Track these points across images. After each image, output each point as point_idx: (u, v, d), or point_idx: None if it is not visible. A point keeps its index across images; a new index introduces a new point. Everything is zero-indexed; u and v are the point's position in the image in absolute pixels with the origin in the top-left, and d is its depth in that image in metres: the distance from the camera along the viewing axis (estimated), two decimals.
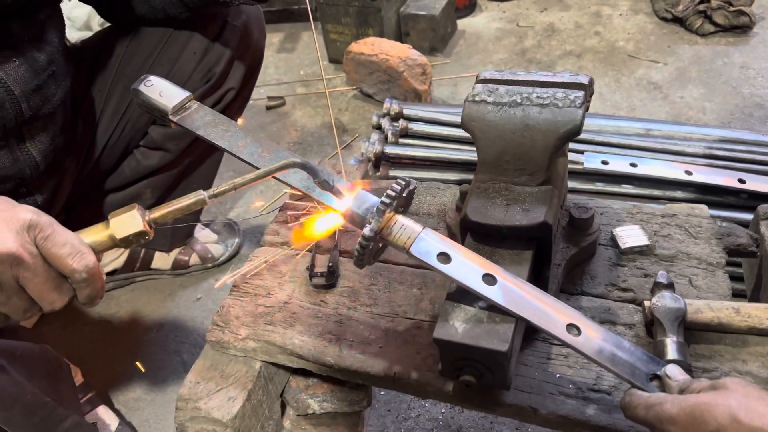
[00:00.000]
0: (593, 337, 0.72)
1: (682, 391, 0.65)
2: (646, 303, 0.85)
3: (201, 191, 0.71)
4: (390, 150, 1.63)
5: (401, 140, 1.69)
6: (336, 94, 2.42)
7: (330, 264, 1.06)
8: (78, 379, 1.40)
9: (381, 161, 1.65)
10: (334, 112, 2.34)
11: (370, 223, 0.76)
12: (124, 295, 1.72)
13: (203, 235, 1.81)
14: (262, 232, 1.93)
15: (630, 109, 2.20)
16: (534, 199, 0.84)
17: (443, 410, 1.36)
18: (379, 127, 1.78)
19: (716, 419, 0.57)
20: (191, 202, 0.71)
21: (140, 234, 0.68)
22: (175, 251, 1.73)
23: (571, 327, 0.73)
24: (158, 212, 0.70)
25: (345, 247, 1.10)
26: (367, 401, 0.97)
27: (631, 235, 0.98)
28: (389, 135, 1.69)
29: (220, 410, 0.91)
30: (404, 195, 0.80)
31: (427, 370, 0.87)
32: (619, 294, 0.92)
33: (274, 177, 0.78)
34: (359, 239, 0.75)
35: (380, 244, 0.81)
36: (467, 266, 0.77)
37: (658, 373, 0.69)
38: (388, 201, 0.75)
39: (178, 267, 1.74)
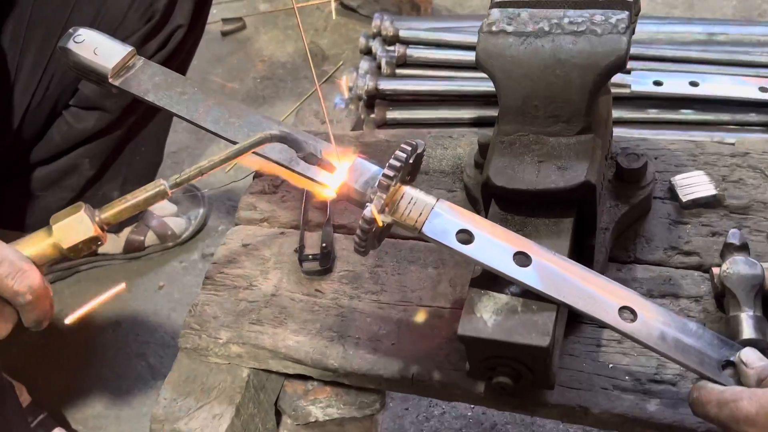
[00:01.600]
0: (652, 320, 0.76)
1: (761, 381, 0.69)
2: (715, 270, 0.88)
3: (161, 181, 0.73)
4: (386, 85, 1.63)
5: (399, 71, 1.68)
6: (309, 10, 2.39)
7: (323, 244, 1.08)
8: (24, 398, 1.46)
9: (375, 99, 1.65)
10: (309, 35, 2.31)
11: (371, 201, 0.78)
12: (68, 289, 1.76)
13: (159, 207, 1.83)
14: (232, 198, 1.97)
15: (687, 6, 2.18)
16: (572, 152, 0.86)
17: (473, 405, 1.42)
18: (368, 52, 1.77)
19: None
20: (150, 195, 0.72)
21: (91, 240, 0.70)
22: (126, 230, 1.76)
23: (625, 310, 0.76)
24: (110, 210, 0.72)
25: (340, 220, 1.12)
26: (381, 403, 1.02)
27: (693, 184, 1.00)
28: (383, 65, 1.68)
29: (204, 431, 0.96)
30: (411, 161, 0.81)
31: (451, 368, 0.91)
32: (681, 259, 0.95)
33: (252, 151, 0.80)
34: (360, 222, 0.77)
35: (385, 224, 0.83)
36: (494, 244, 0.80)
37: (732, 359, 0.72)
38: (391, 173, 0.77)
39: (132, 249, 1.77)
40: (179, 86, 0.89)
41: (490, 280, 0.81)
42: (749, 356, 0.71)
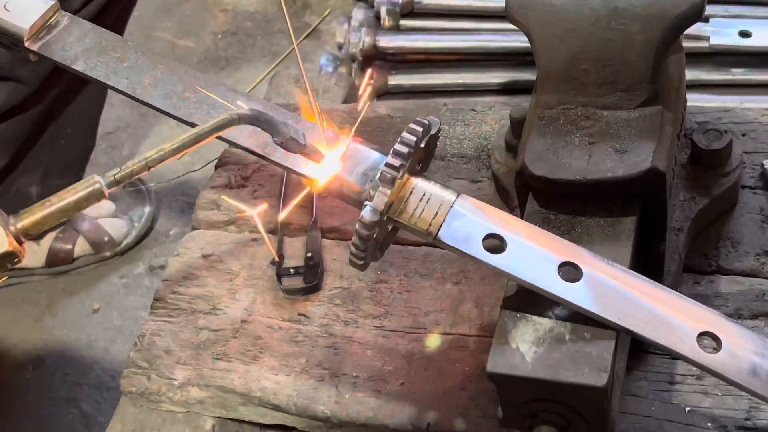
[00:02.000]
0: (740, 349, 0.76)
1: None
2: None
3: (95, 177, 0.73)
4: (387, 41, 1.64)
5: (404, 22, 1.68)
6: None
7: (309, 254, 1.09)
8: None
9: (373, 60, 1.65)
10: None
11: (370, 199, 0.78)
12: None
13: (93, 205, 1.84)
14: (187, 192, 1.98)
15: None
16: (633, 130, 0.86)
17: None
18: None
19: None
20: (81, 197, 0.73)
21: (5, 257, 0.71)
22: (49, 236, 1.77)
23: (705, 337, 0.77)
24: (29, 217, 0.73)
25: (330, 221, 1.13)
26: None
27: None
28: (383, 14, 1.68)
29: None
30: (423, 145, 0.81)
31: (479, 414, 0.92)
32: None
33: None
34: (356, 226, 0.77)
35: (389, 227, 0.84)
36: (533, 253, 0.80)
37: None
38: (397, 161, 0.77)
39: (57, 262, 1.78)
40: (117, 51, 0.89)
41: (528, 299, 0.81)
42: None
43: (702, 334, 0.77)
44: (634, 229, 0.85)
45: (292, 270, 1.08)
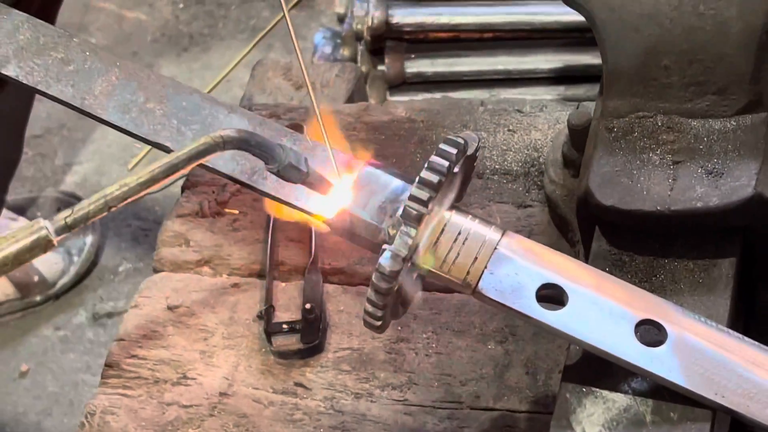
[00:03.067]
0: None
1: None
2: None
3: (40, 221, 0.75)
4: (403, 16, 1.67)
5: None
6: None
7: (307, 305, 1.11)
8: None
9: (385, 41, 1.68)
10: None
11: (390, 241, 0.80)
12: None
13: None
14: (142, 215, 2.01)
15: None
16: (730, 145, 0.88)
17: None
18: None
19: None
20: (23, 248, 0.75)
21: None
22: None
23: None
24: None
25: (333, 261, 1.16)
26: None
27: None
28: None
29: None
30: (457, 169, 0.84)
31: None
32: None
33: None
34: (373, 278, 0.79)
35: (415, 276, 0.86)
36: (602, 308, 0.82)
37: None
38: (425, 194, 0.79)
39: None
40: (60, 50, 0.92)
41: (597, 369, 0.83)
42: None
43: None
44: (734, 275, 0.87)
45: (285, 326, 1.10)
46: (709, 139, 0.89)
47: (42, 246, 0.75)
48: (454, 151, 0.81)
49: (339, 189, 0.84)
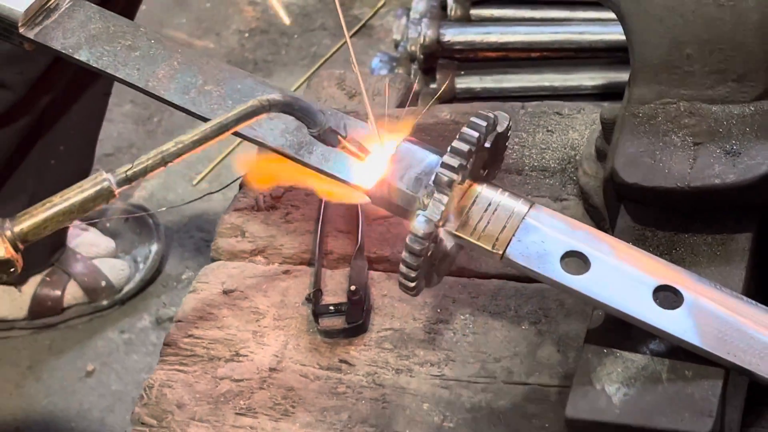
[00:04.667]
0: None
1: None
2: None
3: (104, 174, 0.81)
4: (454, 35, 1.72)
5: (475, 11, 1.77)
6: None
7: (352, 287, 1.16)
8: None
9: (437, 59, 1.74)
10: None
11: (424, 208, 0.86)
12: None
13: (87, 241, 1.94)
14: (204, 225, 2.07)
15: None
16: (748, 128, 0.93)
17: None
18: None
19: None
20: (87, 197, 0.81)
21: (2, 265, 0.79)
22: (33, 281, 1.87)
23: None
24: (27, 220, 0.82)
25: (378, 250, 1.21)
26: None
27: None
28: (451, 2, 1.78)
29: None
30: (488, 143, 0.89)
31: None
32: None
33: (236, 133, 0.89)
34: (407, 240, 0.85)
35: (449, 245, 0.91)
36: (623, 273, 0.87)
37: None
38: (456, 161, 0.85)
39: (43, 312, 1.88)
40: (128, 38, 0.99)
41: (617, 332, 0.88)
42: None
43: None
44: (750, 249, 0.91)
45: (332, 307, 1.14)
46: (729, 122, 0.94)
47: (105, 196, 0.81)
48: (484, 123, 0.87)
49: (378, 159, 0.90)
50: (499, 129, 0.90)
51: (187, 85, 0.96)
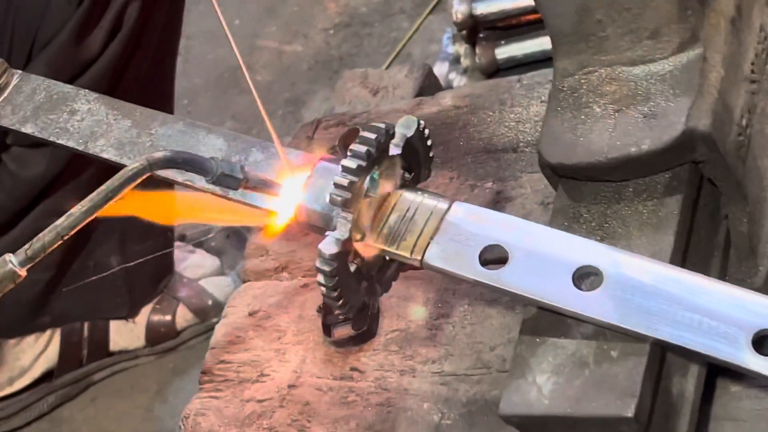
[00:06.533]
0: None
1: None
2: None
3: (6, 256, 0.86)
4: (485, 7, 1.71)
5: None
6: None
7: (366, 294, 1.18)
8: None
9: (479, 32, 1.73)
10: None
11: (334, 228, 0.87)
12: (81, 413, 2.00)
13: (194, 263, 2.03)
14: None
15: None
16: (668, 85, 0.89)
17: None
18: None
19: None
20: None
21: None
22: (145, 310, 1.97)
23: (765, 340, 0.79)
24: None
25: None
26: None
27: None
28: None
29: None
30: (397, 150, 0.89)
31: None
32: None
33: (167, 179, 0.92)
34: (316, 264, 0.86)
35: (384, 257, 0.92)
36: (542, 260, 0.85)
37: None
38: (345, 180, 0.85)
39: (159, 338, 1.98)
40: (69, 102, 1.03)
41: (549, 320, 0.86)
42: None
43: (761, 336, 0.79)
44: (680, 211, 0.87)
45: (341, 317, 1.17)
46: (648, 83, 0.90)
47: (10, 277, 0.85)
48: (373, 136, 0.87)
49: (294, 186, 0.91)
50: (408, 133, 0.90)
51: (122, 139, 0.99)
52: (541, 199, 1.15)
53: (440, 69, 1.93)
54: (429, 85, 1.49)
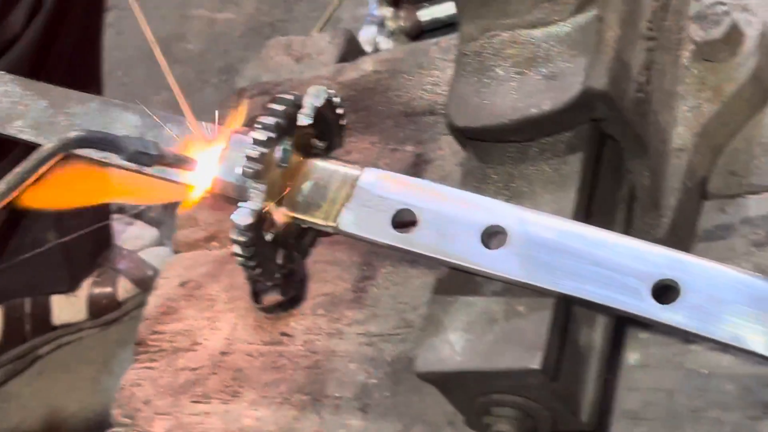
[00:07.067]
0: (706, 295, 0.80)
1: None
2: None
3: None
4: None
5: None
6: None
7: (285, 262, 1.19)
8: None
9: None
10: None
11: (247, 199, 0.89)
12: (27, 388, 2.01)
13: (133, 235, 2.04)
14: None
15: None
16: (566, 46, 0.91)
17: None
18: None
19: None
20: None
21: None
22: (85, 284, 1.98)
23: (665, 289, 0.82)
24: None
25: None
26: None
27: None
28: None
29: None
30: (308, 120, 0.91)
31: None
32: None
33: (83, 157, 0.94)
34: (230, 234, 0.88)
35: (300, 225, 0.94)
36: (450, 221, 0.88)
37: None
38: (256, 152, 0.87)
39: (102, 311, 2.00)
40: None
41: (462, 279, 0.89)
42: None
43: (660, 286, 0.82)
44: (582, 169, 0.90)
45: (269, 284, 1.19)
46: (548, 45, 0.92)
47: None
48: (281, 108, 0.89)
49: (210, 159, 0.93)
50: (317, 103, 0.92)
51: (38, 120, 1.00)
52: (459, 160, 1.16)
53: (367, 33, 1.95)
54: (351, 51, 1.51)
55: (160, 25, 1.98)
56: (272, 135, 0.88)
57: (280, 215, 0.91)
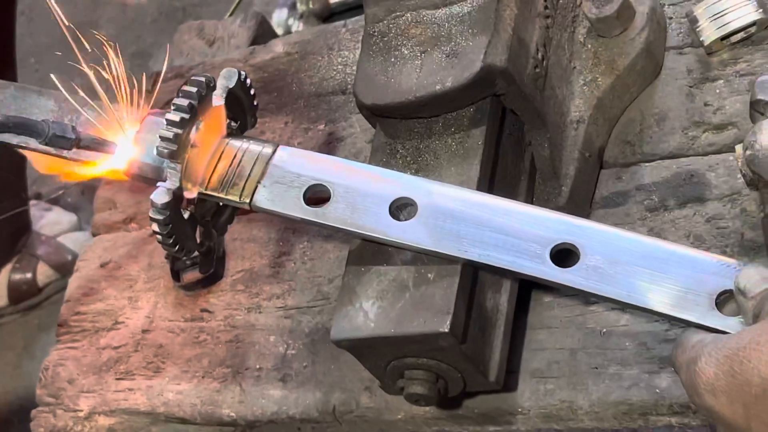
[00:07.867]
0: (606, 258, 0.85)
1: (756, 316, 0.77)
2: (738, 149, 0.94)
3: None
4: None
5: None
6: None
7: (203, 240, 1.22)
8: None
9: None
10: None
11: (165, 179, 0.91)
12: None
13: (51, 220, 2.04)
14: None
15: None
16: (467, 25, 0.95)
17: None
18: None
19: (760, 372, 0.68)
20: None
21: None
22: (5, 270, 1.98)
23: (566, 253, 0.86)
24: None
25: None
26: None
27: (725, 11, 1.05)
28: None
29: None
30: (220, 101, 0.94)
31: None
32: (710, 140, 1.02)
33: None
34: (149, 214, 0.90)
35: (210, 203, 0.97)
36: (361, 195, 0.91)
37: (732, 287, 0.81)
38: (170, 133, 0.89)
39: (21, 296, 2.00)
40: None
41: (373, 250, 0.92)
42: (750, 278, 0.79)
43: (560, 249, 0.86)
44: (485, 141, 0.94)
45: (188, 262, 1.21)
46: (450, 24, 0.96)
47: None
48: (194, 89, 0.91)
49: (126, 142, 0.95)
50: (229, 84, 0.95)
51: None
52: (369, 137, 1.20)
53: (280, 15, 1.97)
54: (263, 34, 1.53)
55: (72, 11, 1.97)
56: (186, 116, 0.90)
57: (198, 193, 0.94)
